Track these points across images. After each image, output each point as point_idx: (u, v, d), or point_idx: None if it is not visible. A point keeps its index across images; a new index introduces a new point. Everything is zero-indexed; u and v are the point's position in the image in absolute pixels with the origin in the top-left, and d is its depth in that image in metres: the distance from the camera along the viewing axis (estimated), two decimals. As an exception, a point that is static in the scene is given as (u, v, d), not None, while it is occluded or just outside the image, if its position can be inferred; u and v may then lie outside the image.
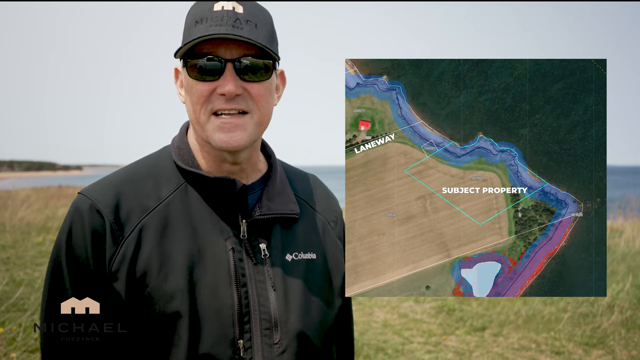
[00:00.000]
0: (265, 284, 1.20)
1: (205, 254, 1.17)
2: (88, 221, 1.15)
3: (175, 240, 1.17)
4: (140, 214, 1.17)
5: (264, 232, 1.24)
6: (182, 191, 1.21)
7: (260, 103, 1.19)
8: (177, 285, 1.13)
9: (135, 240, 1.15)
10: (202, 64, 1.15)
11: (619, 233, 11.82)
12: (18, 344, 4.31)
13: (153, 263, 1.14)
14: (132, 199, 1.18)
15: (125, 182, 1.20)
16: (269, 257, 1.22)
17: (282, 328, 1.19)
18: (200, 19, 1.15)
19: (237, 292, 1.16)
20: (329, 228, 1.38)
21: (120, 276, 1.13)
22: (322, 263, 1.31)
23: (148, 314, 1.13)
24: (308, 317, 1.23)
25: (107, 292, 1.15)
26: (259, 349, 1.17)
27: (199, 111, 1.17)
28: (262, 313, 1.18)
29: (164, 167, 1.24)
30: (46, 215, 13.83)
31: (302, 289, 1.24)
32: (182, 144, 1.27)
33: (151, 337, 1.13)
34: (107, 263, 1.14)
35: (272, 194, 1.28)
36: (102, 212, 1.15)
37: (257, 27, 1.16)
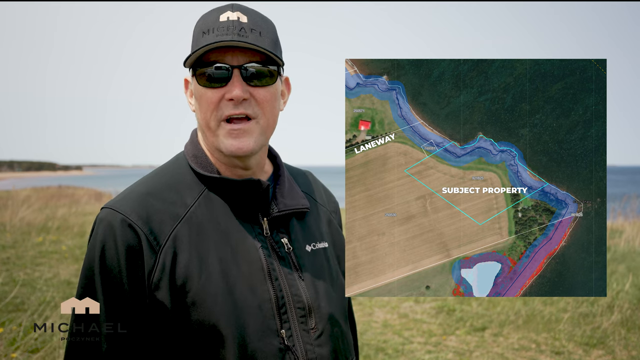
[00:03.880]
0: (294, 274, 1.27)
1: (238, 255, 1.22)
2: (121, 237, 1.15)
3: (208, 245, 1.20)
4: (172, 222, 1.20)
5: (283, 227, 1.31)
6: (205, 197, 1.25)
7: (265, 108, 1.24)
8: (218, 287, 1.17)
9: (172, 249, 1.17)
10: (211, 72, 1.20)
11: (619, 233, 11.82)
12: (18, 344, 4.31)
13: (192, 269, 1.17)
14: (161, 209, 1.20)
15: (150, 194, 1.23)
16: (292, 249, 1.30)
17: (316, 314, 1.27)
18: (207, 30, 1.21)
19: (272, 286, 1.23)
20: (332, 218, 1.48)
21: (162, 285, 1.15)
22: (332, 250, 1.41)
23: (193, 319, 1.15)
24: (333, 301, 1.32)
25: (144, 308, 1.16)
26: (298, 336, 1.23)
27: (209, 118, 1.22)
28: (296, 302, 1.25)
29: (183, 175, 1.28)
30: (46, 215, 13.83)
31: (324, 276, 1.33)
32: (197, 152, 1.30)
33: (198, 341, 1.16)
34: (146, 276, 1.15)
35: (284, 191, 1.34)
36: (134, 225, 1.16)
37: (261, 34, 1.22)
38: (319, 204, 1.46)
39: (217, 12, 1.23)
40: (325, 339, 1.27)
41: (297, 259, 1.30)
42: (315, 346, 1.25)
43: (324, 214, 1.45)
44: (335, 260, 1.40)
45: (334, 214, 1.51)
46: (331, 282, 1.34)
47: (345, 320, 1.36)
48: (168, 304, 1.15)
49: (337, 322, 1.31)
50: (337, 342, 1.30)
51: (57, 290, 6.64)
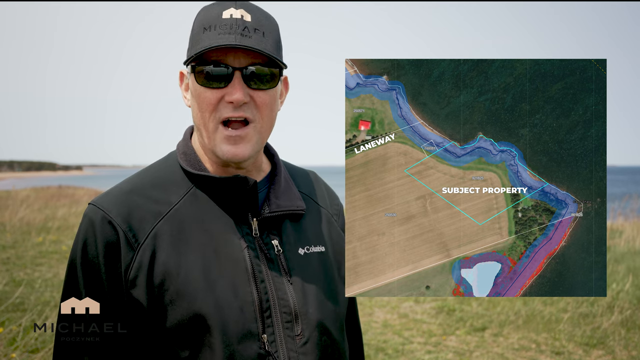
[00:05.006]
0: (282, 278, 1.23)
1: (222, 255, 1.19)
2: (100, 234, 1.16)
3: (190, 244, 1.18)
4: (153, 220, 1.18)
5: (274, 229, 1.27)
6: (191, 195, 1.23)
7: (264, 112, 1.22)
8: (197, 287, 1.15)
9: (151, 247, 1.16)
10: (210, 71, 1.17)
11: (619, 233, 11.82)
12: (18, 344, 4.31)
13: (171, 267, 1.15)
14: (144, 206, 1.19)
15: (134, 191, 1.22)
16: (282, 252, 1.25)
17: (303, 320, 1.22)
18: (208, 26, 1.17)
19: (256, 289, 1.19)
20: (333, 221, 1.42)
21: (139, 283, 1.14)
22: (330, 255, 1.35)
23: (172, 318, 1.14)
24: (325, 308, 1.26)
25: (124, 304, 1.16)
26: (282, 342, 1.19)
27: (207, 119, 1.19)
28: (281, 307, 1.20)
29: (172, 173, 1.26)
30: (46, 215, 13.84)
31: (317, 281, 1.28)
32: (187, 149, 1.28)
33: (177, 340, 1.14)
34: (123, 273, 1.15)
35: (279, 191, 1.31)
36: (114, 222, 1.16)
37: (264, 35, 1.18)
38: (320, 206, 1.42)
39: (219, 7, 1.19)
40: (311, 346, 1.22)
41: (287, 262, 1.25)
42: (300, 354, 1.20)
43: (325, 216, 1.41)
44: (333, 265, 1.35)
45: (336, 216, 1.45)
46: (324, 288, 1.29)
47: (339, 330, 1.31)
48: (144, 302, 1.14)
49: (327, 330, 1.25)
50: (325, 351, 1.24)
51: (57, 290, 6.64)
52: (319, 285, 1.28)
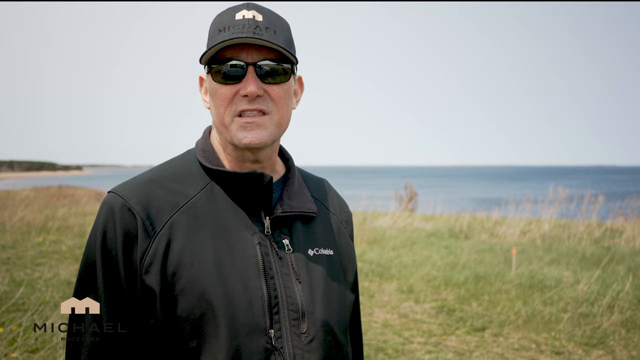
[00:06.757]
0: (291, 276, 1.25)
1: (234, 249, 1.22)
2: (120, 220, 1.19)
3: (204, 236, 1.21)
4: (171, 210, 1.22)
5: (286, 229, 1.30)
6: (208, 190, 1.27)
7: (279, 104, 1.25)
8: (209, 278, 1.17)
9: (167, 236, 1.19)
10: (226, 69, 1.22)
11: (619, 233, 11.84)
12: (18, 344, 4.31)
13: (185, 257, 1.18)
14: (162, 196, 1.23)
15: (154, 181, 1.26)
16: (292, 251, 1.28)
17: (309, 318, 1.24)
18: (223, 28, 1.22)
19: (266, 285, 1.21)
20: (342, 227, 1.45)
21: (153, 270, 1.17)
22: (338, 259, 1.37)
23: (182, 307, 1.16)
24: (331, 309, 1.29)
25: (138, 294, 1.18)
26: (288, 338, 1.21)
27: (223, 113, 1.23)
28: (289, 304, 1.23)
29: (190, 168, 1.30)
30: (46, 215, 13.85)
31: (324, 282, 1.30)
32: (206, 146, 1.32)
33: (186, 330, 1.16)
34: (139, 259, 1.18)
35: (292, 193, 1.34)
36: (133, 209, 1.19)
37: (275, 33, 1.23)
38: (331, 212, 1.44)
39: (232, 11, 1.24)
40: (316, 345, 1.24)
41: (297, 261, 1.28)
42: (305, 351, 1.22)
43: (335, 222, 1.43)
44: (340, 270, 1.36)
45: (345, 223, 1.48)
46: (331, 289, 1.31)
47: (343, 332, 1.32)
48: (157, 289, 1.16)
49: (332, 330, 1.27)
50: (329, 351, 1.26)
51: (57, 290, 6.64)
52: (326, 286, 1.30)
